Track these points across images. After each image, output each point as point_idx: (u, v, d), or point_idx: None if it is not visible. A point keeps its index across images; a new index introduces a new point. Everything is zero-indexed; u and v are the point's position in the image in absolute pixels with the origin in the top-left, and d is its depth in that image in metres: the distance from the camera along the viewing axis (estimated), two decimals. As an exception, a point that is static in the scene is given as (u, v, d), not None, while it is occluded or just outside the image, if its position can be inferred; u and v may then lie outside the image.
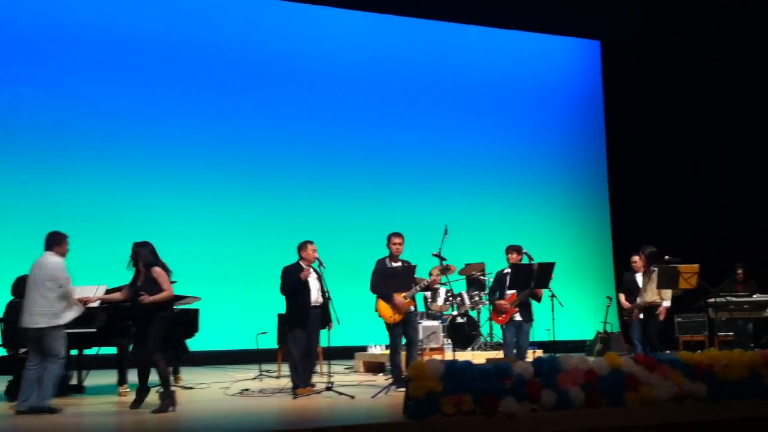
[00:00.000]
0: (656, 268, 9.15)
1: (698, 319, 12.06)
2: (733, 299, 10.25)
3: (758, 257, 11.90)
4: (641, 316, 9.31)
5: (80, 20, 12.73)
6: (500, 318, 8.89)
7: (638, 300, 9.36)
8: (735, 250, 12.09)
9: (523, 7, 14.70)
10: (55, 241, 7.24)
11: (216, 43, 13.51)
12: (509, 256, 8.99)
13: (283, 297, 8.26)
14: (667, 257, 9.63)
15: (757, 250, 12.55)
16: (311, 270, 8.19)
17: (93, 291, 8.31)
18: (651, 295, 9.27)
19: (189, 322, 9.48)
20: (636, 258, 9.64)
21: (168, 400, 6.85)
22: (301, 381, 8.02)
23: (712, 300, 10.15)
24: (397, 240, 8.60)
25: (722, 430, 6.31)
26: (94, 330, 8.11)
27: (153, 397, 7.16)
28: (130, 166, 12.64)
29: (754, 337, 10.94)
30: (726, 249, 12.45)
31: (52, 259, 7.13)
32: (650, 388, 6.32)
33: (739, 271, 10.99)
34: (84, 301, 7.38)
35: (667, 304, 9.35)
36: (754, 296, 10.41)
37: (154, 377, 7.18)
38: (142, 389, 7.27)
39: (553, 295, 9.28)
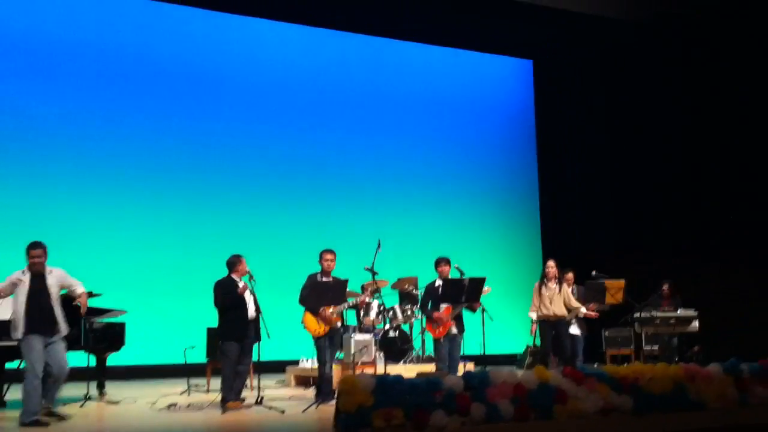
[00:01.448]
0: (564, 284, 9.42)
1: (625, 334, 12.29)
2: (659, 314, 10.49)
3: (684, 273, 12.23)
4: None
5: (11, 24, 12.39)
6: (437, 331, 8.91)
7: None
8: (662, 266, 12.42)
9: (458, 25, 14.89)
10: None
11: (146, 50, 13.29)
12: (440, 269, 9.04)
13: (215, 310, 8.15)
14: (594, 272, 9.84)
15: (683, 265, 12.90)
16: (245, 286, 8.11)
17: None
18: (560, 307, 9.49)
19: (115, 336, 9.26)
20: (553, 264, 9.76)
21: None
22: (232, 395, 7.91)
23: (638, 315, 10.37)
24: (329, 256, 8.59)
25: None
26: (15, 343, 7.83)
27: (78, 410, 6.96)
28: (52, 172, 12.29)
29: (679, 352, 11.21)
30: (653, 264, 12.78)
31: None
32: (578, 401, 6.39)
33: (665, 287, 11.25)
34: None
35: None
36: (679, 311, 10.67)
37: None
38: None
39: (483, 309, 9.35)
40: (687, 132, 13.87)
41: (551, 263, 9.76)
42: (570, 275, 10.08)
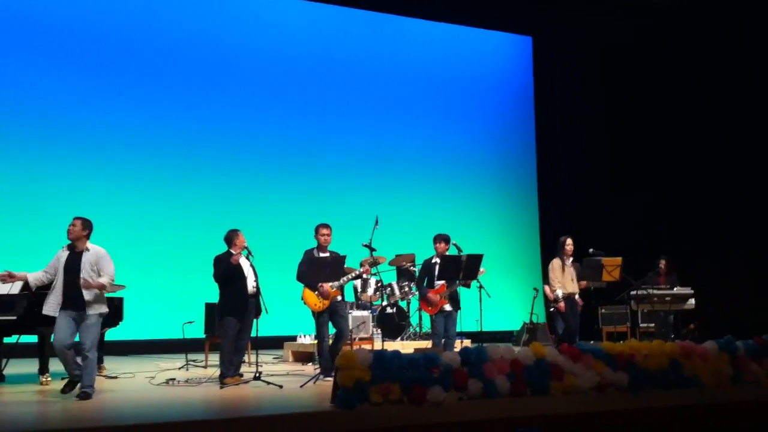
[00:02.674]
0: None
1: (621, 311, 12.36)
2: (655, 292, 10.53)
3: (682, 250, 12.26)
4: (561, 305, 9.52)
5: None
6: (430, 308, 8.95)
7: (560, 292, 9.52)
8: (659, 243, 12.44)
9: (457, 1, 14.79)
10: None
11: (143, 25, 13.18)
12: (437, 245, 9.06)
13: (214, 286, 8.17)
14: (591, 250, 9.86)
15: (680, 243, 12.94)
16: (241, 256, 8.11)
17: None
18: (572, 285, 9.53)
19: (114, 311, 9.28)
20: (571, 241, 9.79)
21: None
22: (230, 370, 7.96)
23: (635, 292, 10.41)
24: (324, 231, 8.59)
25: (642, 419, 6.49)
26: (14, 318, 7.88)
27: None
28: (53, 147, 12.23)
29: (675, 329, 11.27)
30: (651, 241, 12.81)
31: None
32: (573, 377, 6.46)
33: (662, 264, 11.27)
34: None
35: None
36: (675, 289, 10.71)
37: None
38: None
39: (480, 286, 9.40)
40: (686, 107, 13.84)
41: (569, 240, 9.77)
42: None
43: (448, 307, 8.89)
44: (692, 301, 10.69)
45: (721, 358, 7.12)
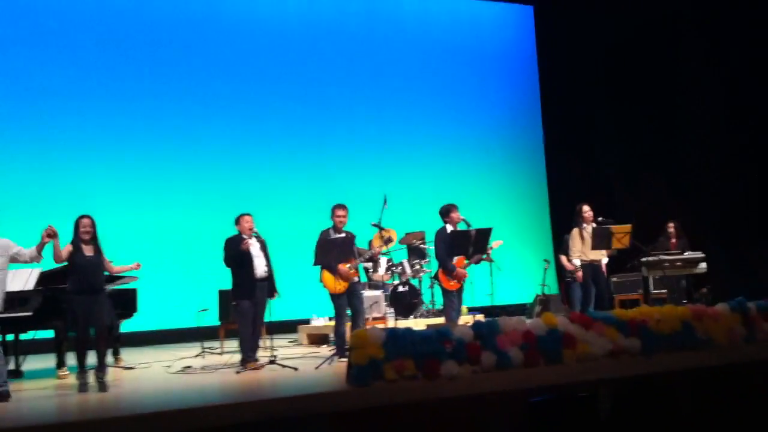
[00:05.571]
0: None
1: (633, 278, 12.33)
2: (666, 257, 10.51)
3: (693, 212, 12.19)
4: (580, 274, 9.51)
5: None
6: (452, 283, 8.93)
7: (578, 261, 9.50)
8: (669, 208, 12.38)
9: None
10: None
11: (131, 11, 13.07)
12: (452, 215, 8.96)
13: (226, 271, 8.21)
14: (600, 218, 9.82)
15: (692, 205, 12.87)
16: (252, 241, 8.14)
17: (26, 275, 8.15)
18: (595, 252, 9.48)
19: (128, 302, 9.36)
20: (588, 207, 9.73)
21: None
22: (252, 355, 8.01)
23: (646, 259, 10.39)
24: (340, 212, 8.60)
25: (656, 383, 6.51)
26: (30, 314, 7.95)
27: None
28: (58, 135, 12.11)
29: (688, 294, 11.26)
30: (661, 207, 12.75)
31: None
32: (586, 345, 6.48)
33: (671, 228, 11.23)
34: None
35: (605, 260, 9.63)
36: (686, 253, 10.68)
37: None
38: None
39: (491, 260, 9.40)
40: (691, 73, 13.74)
41: (587, 207, 9.71)
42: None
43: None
44: (703, 264, 10.65)
45: (734, 318, 7.13)
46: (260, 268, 8.15)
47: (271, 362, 7.94)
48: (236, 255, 8.00)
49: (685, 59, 13.78)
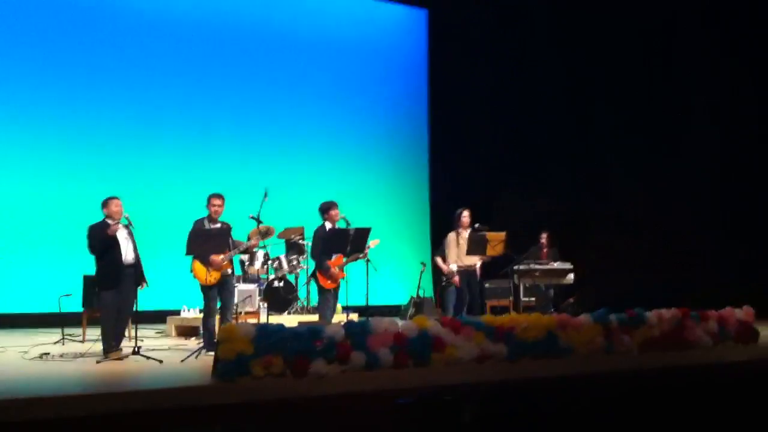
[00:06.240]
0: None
1: (505, 285, 12.64)
2: (537, 266, 10.82)
3: (562, 225, 12.61)
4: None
5: None
6: (329, 282, 8.87)
7: (454, 266, 9.67)
8: (546, 217, 12.76)
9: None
10: None
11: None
12: (331, 212, 8.94)
13: (91, 257, 7.88)
14: (476, 224, 10.02)
15: (561, 217, 13.30)
16: (120, 226, 7.83)
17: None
18: (469, 258, 9.67)
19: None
20: (467, 213, 9.90)
21: None
22: (113, 345, 7.70)
23: (517, 267, 10.67)
24: (216, 201, 8.39)
25: (520, 388, 6.68)
26: None
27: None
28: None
29: (555, 303, 11.64)
30: (538, 215, 13.10)
31: None
32: (455, 349, 6.58)
33: (543, 239, 11.58)
34: None
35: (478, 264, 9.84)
36: (555, 264, 11.03)
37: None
38: None
39: (367, 260, 9.41)
40: (578, 84, 14.24)
41: (466, 213, 9.86)
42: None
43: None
44: (571, 275, 11.05)
45: (595, 329, 7.41)
46: (129, 255, 7.85)
47: (135, 353, 7.66)
48: (103, 240, 7.67)
49: (576, 68, 14.30)
